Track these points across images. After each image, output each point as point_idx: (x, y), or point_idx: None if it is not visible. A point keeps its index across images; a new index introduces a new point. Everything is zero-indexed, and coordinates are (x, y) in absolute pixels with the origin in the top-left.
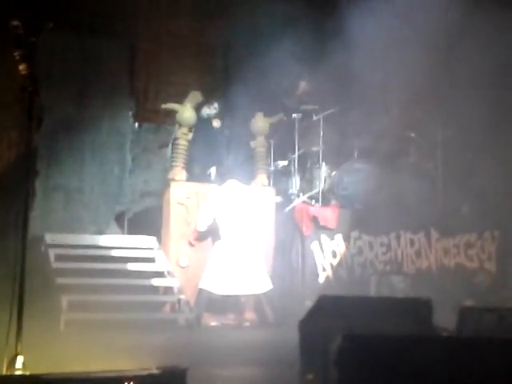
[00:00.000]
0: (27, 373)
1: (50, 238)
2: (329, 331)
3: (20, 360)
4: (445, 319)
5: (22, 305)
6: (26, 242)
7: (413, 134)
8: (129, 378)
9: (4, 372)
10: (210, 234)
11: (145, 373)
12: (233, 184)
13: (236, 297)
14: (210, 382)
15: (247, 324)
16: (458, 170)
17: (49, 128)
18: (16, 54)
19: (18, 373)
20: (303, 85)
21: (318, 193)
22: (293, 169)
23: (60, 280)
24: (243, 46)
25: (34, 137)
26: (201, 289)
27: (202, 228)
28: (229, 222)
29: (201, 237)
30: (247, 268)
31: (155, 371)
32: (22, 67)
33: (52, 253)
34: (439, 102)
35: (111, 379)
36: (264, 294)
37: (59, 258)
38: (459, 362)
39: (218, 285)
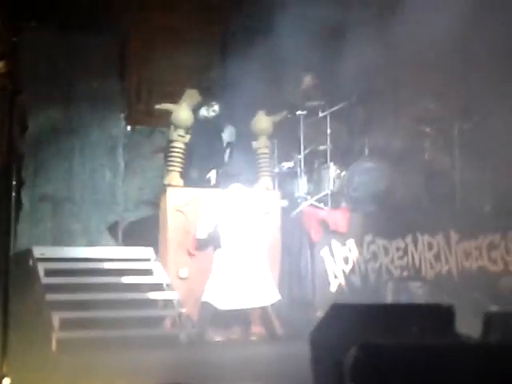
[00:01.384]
0: None
1: (38, 251)
2: (342, 342)
3: (6, 382)
4: (468, 326)
5: (7, 323)
6: (9, 255)
7: (428, 129)
8: None
9: None
10: (211, 242)
11: None
12: (236, 188)
13: (242, 309)
14: None
15: (254, 338)
16: (477, 166)
17: (34, 133)
18: None
19: None
20: (308, 79)
21: (327, 195)
22: (299, 170)
23: (50, 296)
24: (242, 40)
25: (18, 144)
26: (204, 302)
27: (203, 235)
28: (231, 229)
29: (201, 246)
30: (252, 278)
31: None
32: (0, 65)
33: (41, 267)
34: (456, 93)
35: None
36: (271, 305)
37: (49, 272)
38: (485, 371)
39: (222, 298)
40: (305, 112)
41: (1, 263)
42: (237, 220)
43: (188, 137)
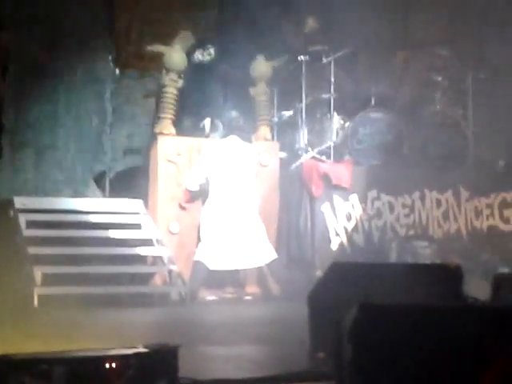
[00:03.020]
0: None
1: (19, 201)
2: (342, 303)
3: None
4: (477, 288)
5: None
6: None
7: (439, 78)
8: (111, 358)
9: None
10: (203, 195)
11: (130, 352)
12: (233, 140)
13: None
14: (205, 362)
15: (249, 298)
16: (491, 118)
17: (16, 76)
18: None
19: None
20: (311, 21)
21: (330, 147)
22: (300, 120)
23: (32, 250)
24: None
25: None
26: (196, 261)
27: (194, 187)
28: (224, 182)
29: (193, 198)
30: (246, 236)
31: (142, 350)
32: None
33: (23, 218)
34: (470, 39)
35: (91, 359)
36: (267, 264)
37: (31, 224)
38: (493, 334)
39: (215, 258)
40: (307, 57)
41: None
42: (231, 172)
43: (181, 82)
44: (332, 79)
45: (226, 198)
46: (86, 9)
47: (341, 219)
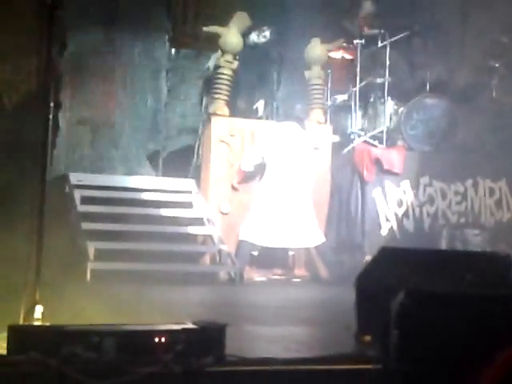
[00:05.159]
0: (47, 323)
1: (75, 177)
2: (390, 288)
3: (39, 310)
4: None
5: (40, 250)
6: (45, 180)
7: (497, 65)
8: (160, 333)
9: (21, 322)
10: (256, 176)
11: (179, 327)
12: (291, 125)
13: (284, 249)
14: (251, 341)
15: (297, 280)
16: None
17: (74, 54)
18: None
19: (36, 323)
20: (368, 5)
21: (382, 132)
22: (353, 104)
23: (86, 225)
24: None
25: (56, 64)
26: (241, 241)
27: (248, 168)
28: (278, 163)
29: (246, 178)
30: (295, 218)
31: (190, 326)
32: None
33: (77, 194)
34: None
35: (140, 333)
36: (316, 248)
37: (85, 200)
38: None
39: (261, 235)
40: (363, 41)
41: (37, 188)
42: (284, 154)
43: (236, 63)
44: (387, 63)
45: (281, 179)
46: None
47: (392, 205)
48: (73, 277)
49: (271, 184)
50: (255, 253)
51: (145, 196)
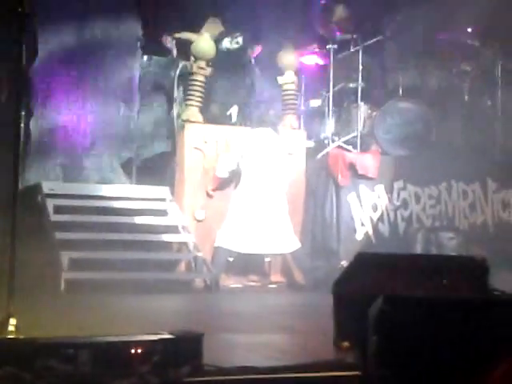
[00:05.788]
0: (21, 336)
1: (47, 186)
2: (367, 293)
3: (12, 322)
4: (503, 282)
5: (13, 261)
6: (17, 189)
7: (468, 68)
8: (137, 344)
9: None
10: (231, 182)
11: (155, 338)
12: (266, 131)
13: (259, 256)
14: (229, 349)
15: (273, 286)
16: None
17: (45, 60)
18: None
19: (9, 336)
20: (340, 10)
21: (356, 137)
22: (327, 109)
23: (60, 235)
24: None
25: (27, 71)
26: (217, 247)
27: (224, 174)
28: (253, 170)
29: (221, 185)
30: (271, 224)
31: (167, 336)
32: None
33: (50, 203)
34: (500, 28)
35: (116, 345)
36: (291, 253)
37: (58, 209)
38: None
39: (237, 241)
40: (335, 46)
41: (8, 198)
42: (260, 160)
43: (209, 69)
44: (360, 68)
45: (256, 185)
46: None
47: (366, 209)
48: (47, 287)
49: (247, 190)
50: (231, 259)
51: (118, 204)
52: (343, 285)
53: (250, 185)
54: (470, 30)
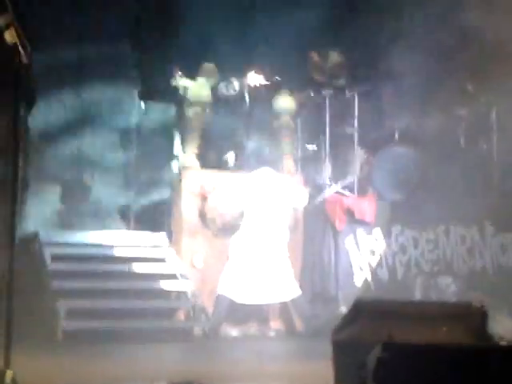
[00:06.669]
0: None
1: (45, 235)
2: (366, 340)
3: (9, 375)
4: (503, 327)
5: (10, 311)
6: (14, 238)
7: (463, 112)
8: None
9: None
10: (233, 228)
11: None
12: (265, 171)
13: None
14: None
15: (272, 334)
16: None
17: (43, 109)
18: (1, 19)
19: None
20: (335, 56)
21: (353, 181)
22: (323, 154)
23: (57, 283)
24: (264, 12)
25: (25, 120)
26: (219, 295)
27: (226, 220)
28: (254, 214)
29: (222, 231)
30: (272, 271)
31: None
32: (9, 35)
33: (48, 252)
34: (494, 73)
35: None
36: (291, 300)
37: (56, 258)
38: None
39: (239, 292)
40: (331, 91)
41: (6, 247)
42: (260, 204)
43: (205, 115)
44: (356, 113)
45: (257, 230)
46: (113, 44)
47: (365, 254)
48: (44, 337)
49: (248, 235)
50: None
51: (116, 252)
52: (342, 332)
53: (251, 230)
54: (465, 75)
